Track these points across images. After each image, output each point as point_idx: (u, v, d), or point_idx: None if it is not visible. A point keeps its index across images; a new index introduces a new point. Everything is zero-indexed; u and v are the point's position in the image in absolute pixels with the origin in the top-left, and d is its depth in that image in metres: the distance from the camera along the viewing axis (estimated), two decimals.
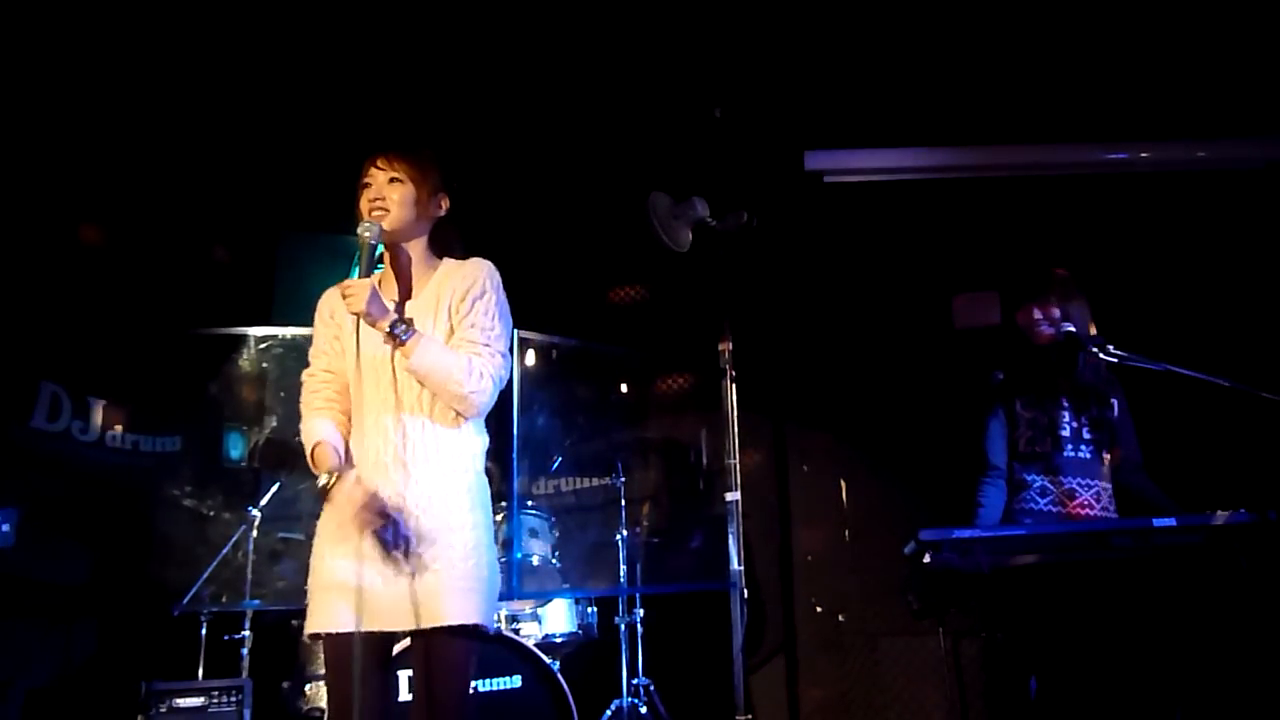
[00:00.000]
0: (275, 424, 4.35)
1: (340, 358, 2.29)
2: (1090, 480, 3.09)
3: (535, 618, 3.97)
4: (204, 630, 3.83)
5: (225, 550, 3.93)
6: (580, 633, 4.06)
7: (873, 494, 4.73)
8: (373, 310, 2.11)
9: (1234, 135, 4.52)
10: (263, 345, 4.39)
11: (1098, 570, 2.63)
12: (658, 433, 5.10)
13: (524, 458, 4.04)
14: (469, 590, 2.11)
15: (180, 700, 3.45)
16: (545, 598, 3.98)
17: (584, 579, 4.39)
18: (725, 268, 4.03)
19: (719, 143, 4.57)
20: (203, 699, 3.48)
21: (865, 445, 4.76)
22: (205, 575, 3.86)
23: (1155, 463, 3.21)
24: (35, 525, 4.10)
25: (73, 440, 4.35)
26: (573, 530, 4.58)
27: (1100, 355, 2.92)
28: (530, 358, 4.29)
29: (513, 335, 2.37)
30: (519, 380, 4.04)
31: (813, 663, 4.67)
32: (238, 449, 4.49)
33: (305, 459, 2.26)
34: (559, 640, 3.99)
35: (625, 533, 4.27)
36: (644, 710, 4.05)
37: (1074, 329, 3.02)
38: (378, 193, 2.22)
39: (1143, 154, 4.57)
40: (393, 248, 2.27)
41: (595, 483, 4.92)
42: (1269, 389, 2.65)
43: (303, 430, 2.28)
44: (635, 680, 4.13)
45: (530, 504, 4.19)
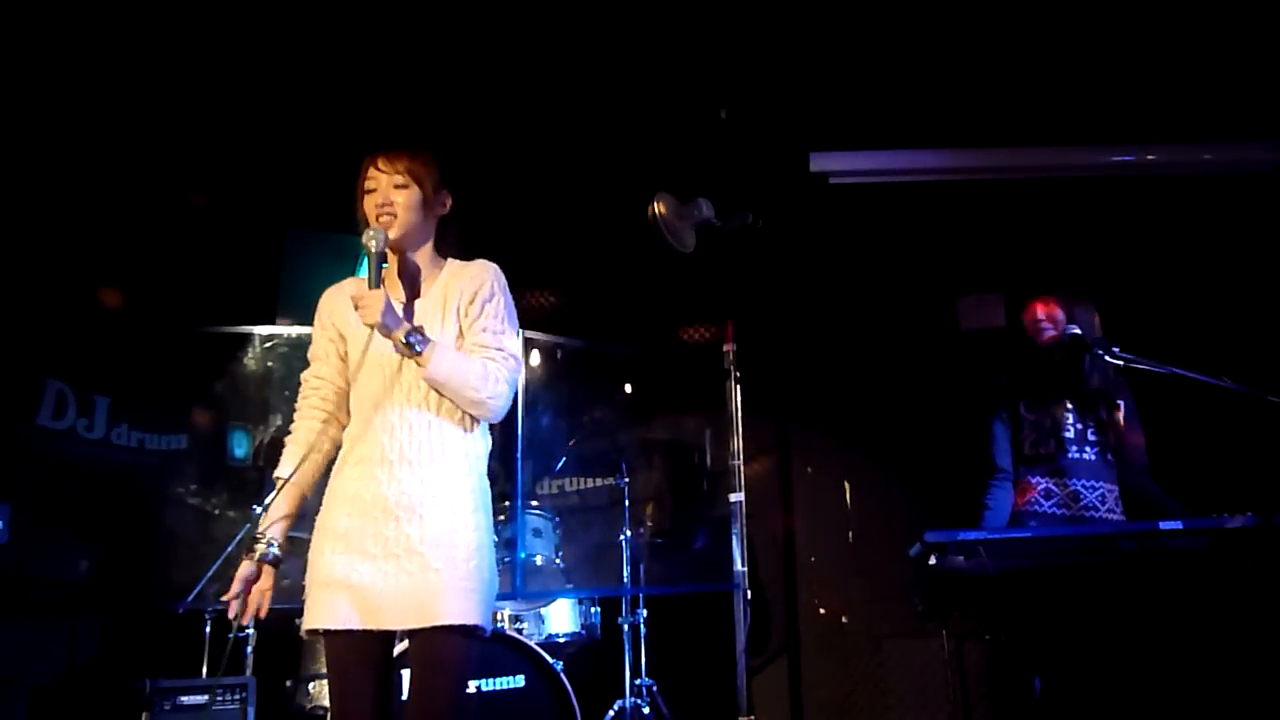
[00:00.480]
0: (280, 423, 4.35)
1: (336, 361, 2.29)
2: (1095, 482, 3.09)
3: (539, 617, 3.97)
4: (208, 628, 3.83)
5: (230, 548, 3.92)
6: (584, 633, 4.06)
7: (877, 496, 4.72)
8: (388, 322, 2.10)
9: (1242, 138, 4.51)
10: (268, 344, 4.39)
11: (1104, 573, 2.62)
12: (662, 433, 5.10)
13: (528, 458, 4.03)
14: (469, 591, 2.10)
15: (184, 698, 3.44)
16: (549, 598, 3.98)
17: (587, 579, 4.39)
18: (730, 269, 4.04)
19: (724, 144, 4.57)
20: (207, 697, 3.48)
21: (870, 447, 4.75)
22: (210, 573, 3.83)
23: (1162, 466, 3.20)
24: (40, 522, 4.12)
25: (78, 438, 4.36)
26: (576, 530, 4.58)
27: (1105, 358, 2.92)
28: (535, 358, 4.29)
29: (519, 337, 2.37)
30: (524, 381, 4.04)
31: (816, 664, 4.67)
32: (243, 448, 4.49)
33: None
34: (562, 640, 3.99)
35: (629, 533, 4.27)
36: (647, 710, 4.05)
37: (1079, 331, 3.02)
38: (384, 198, 2.19)
39: (1149, 156, 4.57)
40: (398, 250, 2.26)
41: (599, 483, 4.92)
42: (1276, 393, 2.64)
43: (291, 431, 2.31)
44: (638, 680, 4.13)
45: (534, 504, 4.18)
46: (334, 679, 2.14)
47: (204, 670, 3.78)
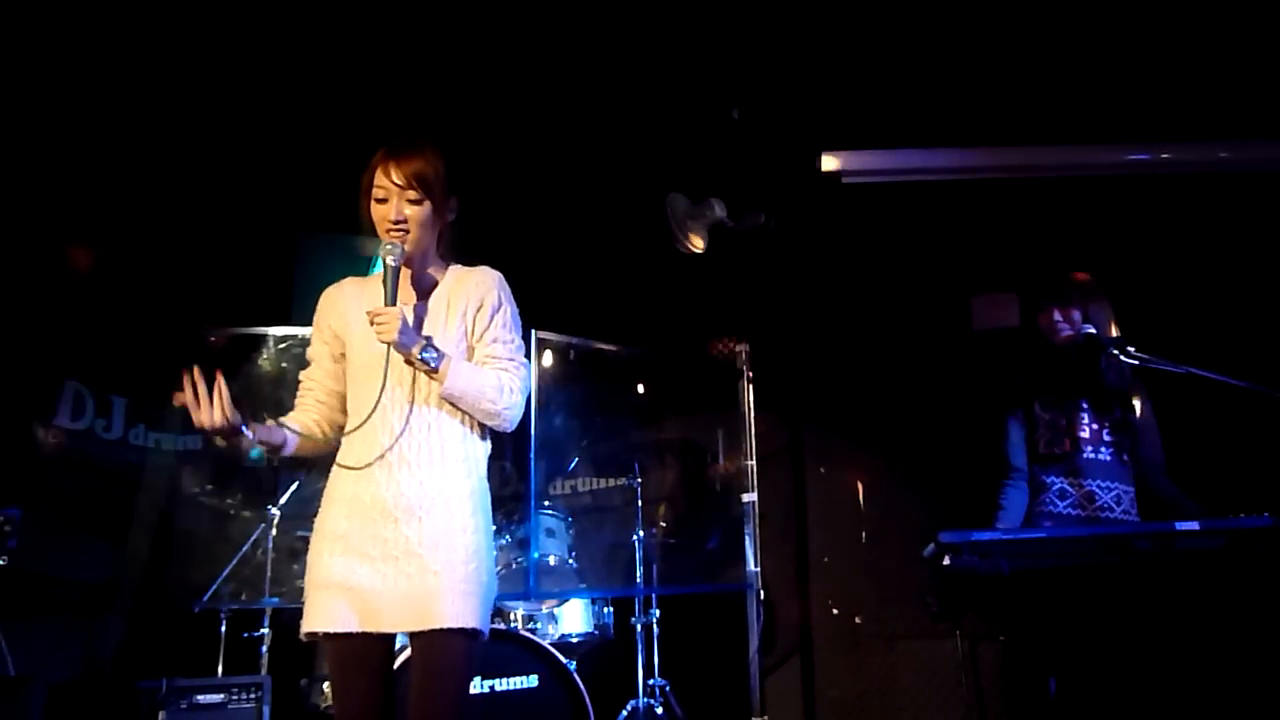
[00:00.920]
0: None
1: (329, 363, 2.29)
2: (1111, 483, 3.07)
3: (552, 617, 3.98)
4: (224, 627, 3.86)
5: (245, 548, 3.96)
6: (597, 633, 4.07)
7: (890, 496, 4.71)
8: (404, 340, 2.10)
9: (1258, 136, 4.48)
10: (282, 345, 4.41)
11: (1119, 574, 2.61)
12: (674, 433, 5.09)
13: (541, 458, 4.04)
14: (469, 594, 2.09)
15: (200, 697, 3.47)
16: (562, 597, 3.99)
17: (600, 579, 4.39)
18: (742, 269, 4.04)
19: (736, 144, 4.57)
20: (222, 696, 3.50)
21: (883, 447, 4.74)
22: (225, 573, 3.89)
23: (1179, 467, 3.18)
24: (58, 522, 4.15)
25: (96, 438, 4.40)
26: (589, 530, 4.59)
27: (1121, 357, 2.90)
28: (548, 358, 4.30)
29: (531, 337, 2.38)
30: (537, 381, 4.04)
31: (829, 664, 4.66)
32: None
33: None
34: (575, 640, 4.00)
35: (642, 533, 4.28)
36: (660, 711, 4.05)
37: (1094, 330, 3.01)
38: (397, 214, 2.17)
39: (1164, 155, 4.54)
40: (408, 260, 2.24)
41: (612, 483, 4.93)
42: None
43: None
44: (651, 680, 4.13)
45: (547, 504, 4.19)
46: (336, 682, 2.13)
47: (220, 669, 3.81)
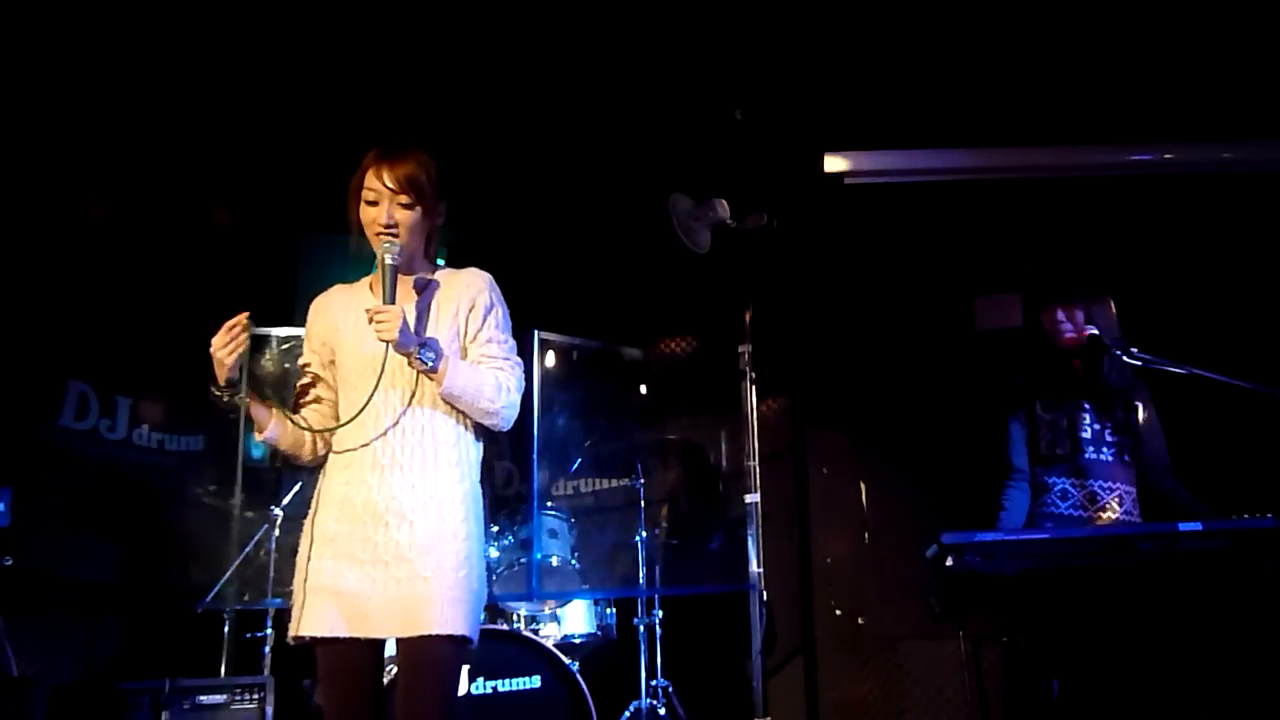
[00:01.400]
0: None
1: (321, 369, 2.30)
2: (1113, 483, 3.06)
3: (554, 618, 3.98)
4: (227, 628, 3.86)
5: (248, 549, 3.97)
6: (599, 634, 4.07)
7: (893, 496, 4.70)
8: (404, 340, 2.09)
9: (1261, 137, 4.47)
10: (285, 345, 4.41)
11: (1122, 575, 2.60)
12: (677, 434, 5.09)
13: (544, 458, 4.04)
14: (458, 600, 2.07)
15: (203, 697, 3.47)
16: (564, 598, 3.99)
17: (603, 580, 4.39)
18: (745, 269, 4.03)
19: (739, 144, 4.57)
20: (225, 696, 3.50)
21: (886, 447, 4.74)
22: (228, 573, 3.89)
23: (1182, 467, 3.18)
24: (62, 522, 4.16)
25: (100, 438, 4.40)
26: (592, 531, 4.59)
27: (1123, 358, 2.90)
28: (550, 359, 4.30)
29: (534, 338, 2.38)
30: (539, 381, 4.05)
31: (832, 665, 4.65)
32: (260, 448, 4.51)
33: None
34: (578, 641, 4.00)
35: (644, 534, 4.27)
36: (663, 711, 4.05)
37: (1097, 332, 3.00)
38: (388, 218, 2.17)
39: (1167, 155, 4.53)
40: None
41: (615, 484, 4.93)
42: None
43: None
44: (654, 681, 4.13)
45: (550, 505, 4.19)
46: (325, 686, 2.12)
47: (222, 670, 3.81)
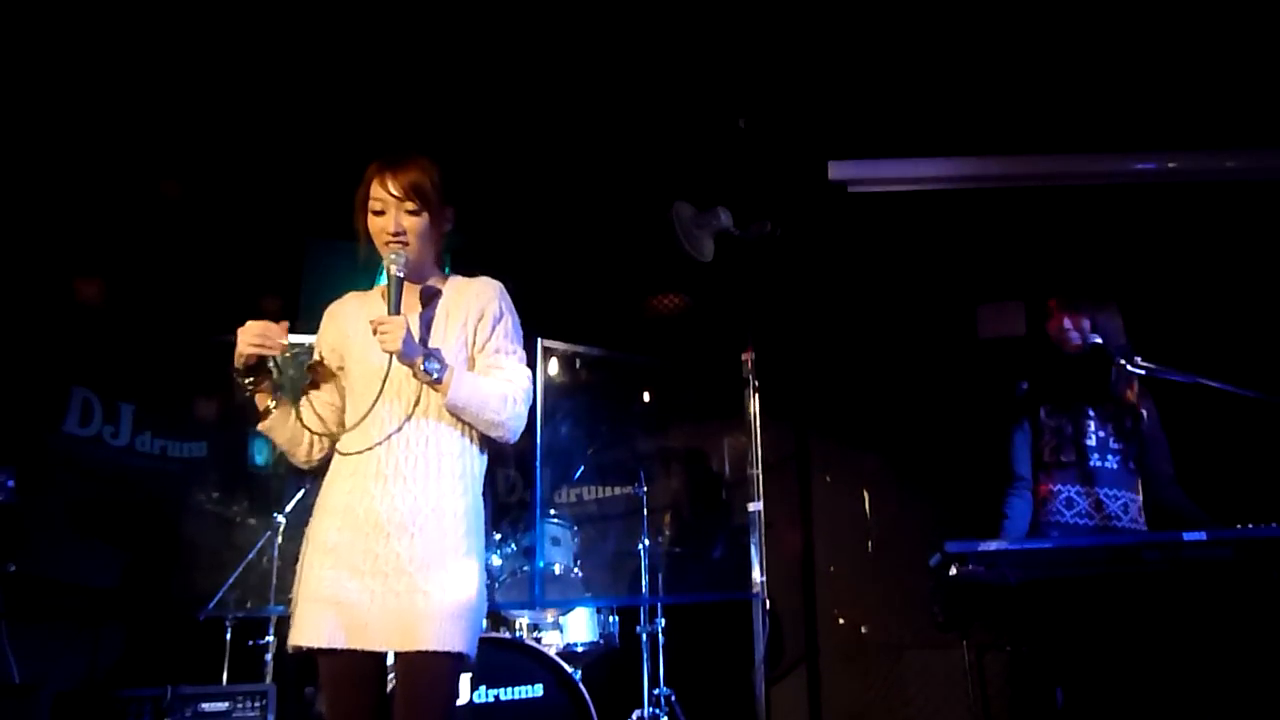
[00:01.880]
0: None
1: (332, 371, 2.30)
2: (1118, 491, 3.06)
3: (557, 626, 3.97)
4: (229, 635, 3.87)
5: (250, 556, 3.97)
6: (602, 642, 4.06)
7: (896, 504, 4.70)
8: (408, 350, 2.08)
9: (1265, 145, 4.47)
10: (288, 352, 4.42)
11: (1127, 583, 2.60)
12: (680, 442, 5.09)
13: (547, 466, 4.04)
14: (456, 616, 2.06)
15: (205, 705, 3.46)
16: (567, 606, 3.99)
17: (606, 588, 4.39)
18: (749, 277, 4.04)
19: (743, 153, 4.57)
20: (227, 704, 3.49)
21: (889, 455, 4.73)
22: (230, 580, 3.89)
23: (1186, 476, 3.17)
24: (66, 528, 4.16)
25: (104, 445, 4.41)
26: (595, 539, 4.59)
27: (1127, 367, 2.90)
28: (554, 366, 4.30)
29: (537, 345, 2.38)
30: (542, 389, 4.05)
31: (835, 674, 4.64)
32: (263, 454, 4.52)
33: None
34: (580, 649, 3.99)
35: (647, 542, 4.27)
36: None
37: (1100, 340, 3.00)
38: (396, 226, 2.17)
39: (1171, 164, 4.53)
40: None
41: (618, 492, 4.92)
42: None
43: None
44: (657, 690, 4.13)
45: (553, 512, 4.20)
46: (328, 694, 2.11)
47: (224, 677, 3.80)
